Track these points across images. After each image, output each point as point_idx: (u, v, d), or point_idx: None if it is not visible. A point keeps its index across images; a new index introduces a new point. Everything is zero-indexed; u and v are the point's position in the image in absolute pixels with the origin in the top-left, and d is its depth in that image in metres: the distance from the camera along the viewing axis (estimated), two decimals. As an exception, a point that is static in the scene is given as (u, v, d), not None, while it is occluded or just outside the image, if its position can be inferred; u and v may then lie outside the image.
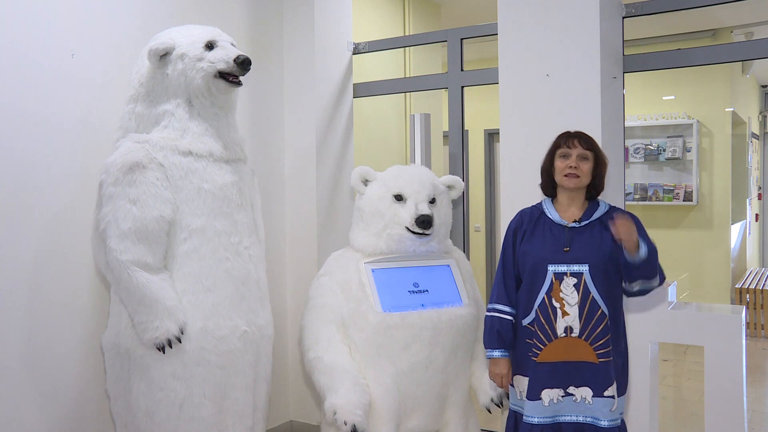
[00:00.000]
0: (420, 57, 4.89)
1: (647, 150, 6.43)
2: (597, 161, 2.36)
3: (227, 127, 2.67)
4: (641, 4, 3.13)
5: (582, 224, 2.33)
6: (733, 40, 6.05)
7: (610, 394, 2.25)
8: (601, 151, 2.40)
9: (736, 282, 6.66)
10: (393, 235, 2.70)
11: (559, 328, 2.27)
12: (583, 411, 2.28)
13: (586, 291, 2.25)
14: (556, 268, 2.29)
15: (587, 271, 2.26)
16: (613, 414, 2.27)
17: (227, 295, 2.54)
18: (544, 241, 2.34)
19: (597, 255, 2.27)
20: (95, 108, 2.81)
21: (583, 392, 2.27)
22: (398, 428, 2.62)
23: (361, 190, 2.81)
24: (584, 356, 2.25)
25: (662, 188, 6.43)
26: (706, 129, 6.33)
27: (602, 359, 2.24)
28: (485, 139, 7.25)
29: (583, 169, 2.32)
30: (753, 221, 8.28)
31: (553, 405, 2.28)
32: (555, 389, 2.28)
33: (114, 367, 2.57)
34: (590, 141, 2.38)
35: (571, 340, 2.26)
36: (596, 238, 2.30)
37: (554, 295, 2.28)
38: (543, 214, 2.40)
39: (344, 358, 2.62)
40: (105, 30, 2.85)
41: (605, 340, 2.25)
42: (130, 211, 2.38)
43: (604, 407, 2.26)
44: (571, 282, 2.27)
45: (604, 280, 2.27)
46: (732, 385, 2.74)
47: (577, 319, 2.25)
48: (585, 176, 2.33)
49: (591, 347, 2.25)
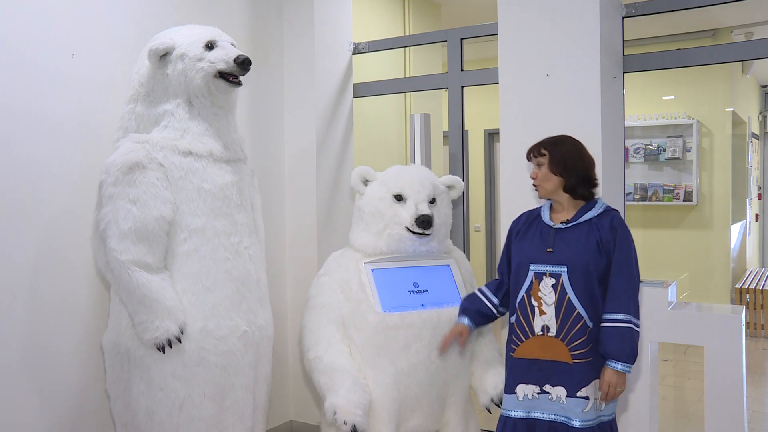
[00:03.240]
0: (420, 57, 4.89)
1: (647, 150, 6.43)
2: (552, 161, 2.32)
3: (227, 127, 2.67)
4: (641, 4, 3.13)
5: (569, 225, 2.33)
6: (733, 40, 6.05)
7: (583, 395, 2.25)
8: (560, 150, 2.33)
9: (736, 282, 6.66)
10: (393, 235, 2.70)
11: (537, 326, 2.29)
12: (557, 410, 2.28)
13: (563, 292, 2.26)
14: (537, 268, 2.32)
15: (565, 273, 2.27)
16: (586, 415, 2.25)
17: (227, 295, 2.54)
18: (532, 241, 2.37)
19: (577, 257, 2.26)
20: (95, 108, 2.81)
21: (558, 391, 2.27)
22: (398, 428, 2.63)
23: (361, 190, 2.81)
24: (559, 356, 2.27)
25: (662, 188, 6.43)
26: (706, 129, 6.33)
27: (577, 360, 2.24)
28: (485, 139, 7.25)
29: (539, 176, 2.34)
30: (753, 221, 8.28)
31: (527, 401, 2.31)
32: (531, 385, 2.31)
33: (114, 367, 2.57)
34: (540, 146, 2.36)
35: (547, 339, 2.28)
36: (580, 240, 2.28)
37: (533, 294, 2.31)
38: (539, 216, 2.43)
39: (344, 358, 2.62)
40: (105, 30, 2.85)
41: (581, 341, 2.24)
42: (130, 211, 2.38)
43: (576, 407, 2.25)
44: (550, 282, 2.29)
45: (583, 283, 2.25)
46: (732, 385, 2.74)
47: (554, 319, 2.27)
48: (544, 182, 2.33)
49: (567, 347, 2.25)
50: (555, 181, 2.32)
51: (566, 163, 2.31)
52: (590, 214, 2.32)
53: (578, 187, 2.32)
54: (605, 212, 2.33)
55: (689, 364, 5.35)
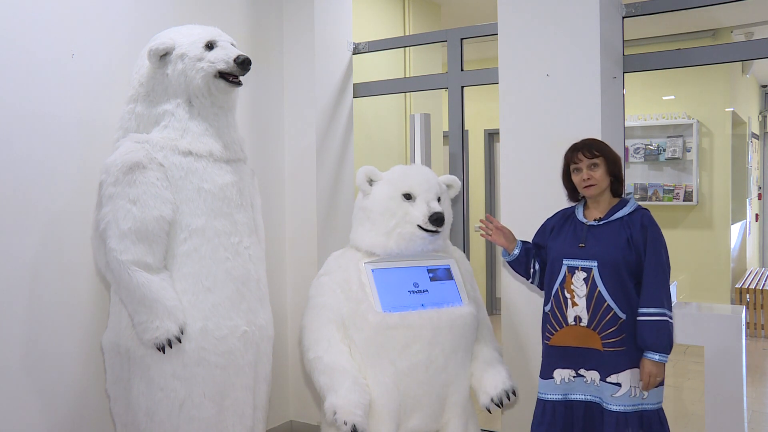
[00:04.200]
0: (420, 57, 4.89)
1: (647, 150, 6.43)
2: (608, 162, 2.46)
3: (227, 127, 2.67)
4: (641, 4, 3.13)
5: (601, 223, 2.46)
6: (733, 40, 6.05)
7: (614, 380, 2.37)
8: (610, 151, 2.49)
9: (736, 282, 6.66)
10: (404, 233, 2.71)
11: (570, 316, 2.44)
12: (593, 391, 2.43)
13: (593, 285, 2.40)
14: (570, 262, 2.46)
15: (596, 267, 2.40)
16: (618, 400, 2.37)
17: (227, 295, 2.54)
18: (565, 237, 2.52)
19: (607, 253, 2.39)
20: (95, 108, 2.81)
21: (592, 375, 2.42)
22: (398, 428, 2.62)
23: (367, 190, 2.81)
24: (592, 344, 2.40)
25: (662, 188, 6.43)
26: (706, 129, 6.33)
27: (608, 348, 2.37)
28: (485, 139, 7.25)
29: (596, 176, 2.45)
30: (753, 221, 8.28)
31: (564, 384, 2.47)
32: (566, 369, 2.47)
33: (114, 367, 2.57)
34: (594, 147, 2.48)
35: (580, 328, 2.42)
36: (612, 236, 2.42)
37: (566, 287, 2.46)
38: (573, 214, 2.57)
39: (344, 358, 2.62)
40: (105, 30, 2.85)
41: (612, 330, 2.37)
42: (130, 211, 2.38)
43: (607, 391, 2.39)
44: (581, 276, 2.43)
45: (613, 277, 2.38)
46: (732, 385, 2.74)
47: (585, 310, 2.40)
48: (601, 182, 2.46)
49: (599, 336, 2.38)
50: (607, 181, 2.47)
51: (618, 164, 2.48)
52: (622, 212, 2.45)
53: (619, 186, 2.49)
54: (636, 211, 2.46)
55: (689, 364, 5.35)
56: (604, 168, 2.46)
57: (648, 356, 2.35)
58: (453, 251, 2.95)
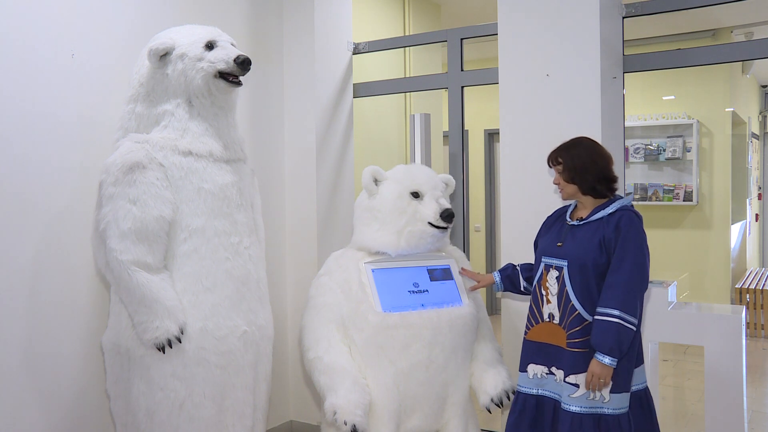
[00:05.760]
0: (420, 57, 4.89)
1: (647, 150, 6.43)
2: (566, 169, 2.45)
3: (227, 127, 2.67)
4: (641, 4, 3.13)
5: (581, 223, 2.45)
6: (733, 40, 6.05)
7: (573, 381, 2.36)
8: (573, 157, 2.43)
9: (736, 282, 6.66)
10: (414, 231, 2.72)
11: (545, 313, 2.48)
12: (558, 390, 2.43)
13: (563, 284, 2.42)
14: (547, 260, 2.50)
15: (566, 267, 2.41)
16: (575, 401, 2.35)
17: (227, 295, 2.54)
18: (551, 236, 2.54)
19: (577, 254, 2.40)
20: (95, 108, 2.81)
21: (559, 373, 2.43)
22: (398, 428, 2.63)
23: (373, 190, 2.81)
24: (558, 341, 2.43)
25: (662, 188, 6.43)
26: (706, 129, 6.33)
27: (571, 348, 2.38)
28: (485, 139, 7.25)
29: (561, 181, 2.49)
30: (753, 221, 8.28)
31: (537, 379, 2.49)
32: (540, 366, 2.49)
33: (114, 367, 2.57)
34: (557, 153, 2.48)
35: (552, 325, 2.45)
36: (586, 237, 2.41)
37: (542, 284, 2.50)
38: (565, 213, 2.57)
39: (344, 358, 2.63)
40: (105, 30, 2.85)
41: (576, 330, 2.37)
42: (130, 211, 2.38)
43: (566, 391, 2.39)
44: (554, 274, 2.45)
45: (579, 278, 2.38)
46: (732, 385, 2.74)
47: (557, 308, 2.44)
48: (566, 186, 2.47)
49: (565, 334, 2.40)
50: (573, 187, 2.46)
51: (578, 170, 2.43)
52: (601, 213, 2.42)
53: (596, 187, 2.43)
54: (616, 212, 2.40)
55: (689, 364, 5.35)
56: (566, 175, 2.45)
57: (596, 356, 2.30)
58: (453, 251, 2.96)
